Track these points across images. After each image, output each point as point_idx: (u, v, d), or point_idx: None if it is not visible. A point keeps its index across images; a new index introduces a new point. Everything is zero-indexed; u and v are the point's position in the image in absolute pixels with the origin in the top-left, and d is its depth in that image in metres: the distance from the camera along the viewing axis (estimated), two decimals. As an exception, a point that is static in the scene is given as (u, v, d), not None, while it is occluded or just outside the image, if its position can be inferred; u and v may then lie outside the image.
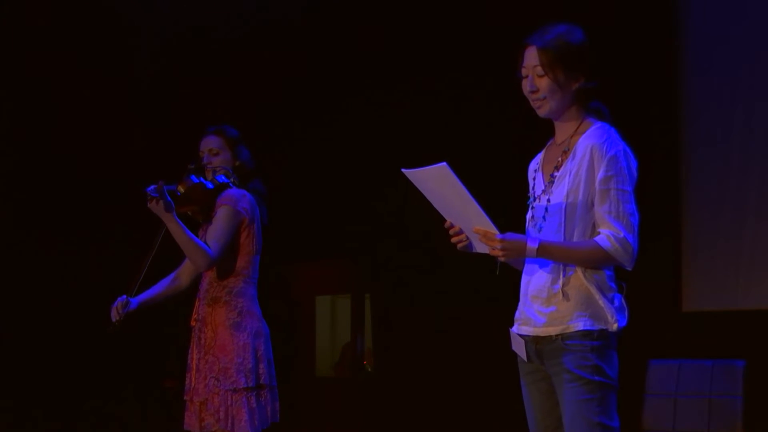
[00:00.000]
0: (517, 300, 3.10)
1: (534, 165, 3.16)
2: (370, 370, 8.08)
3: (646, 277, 3.02)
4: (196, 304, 4.31)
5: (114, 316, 4.26)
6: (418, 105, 6.99)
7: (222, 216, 4.22)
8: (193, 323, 4.31)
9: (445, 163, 2.85)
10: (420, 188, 2.99)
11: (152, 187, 4.05)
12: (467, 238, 3.00)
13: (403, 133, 6.93)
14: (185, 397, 4.27)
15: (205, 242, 4.16)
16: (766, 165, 5.97)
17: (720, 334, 5.84)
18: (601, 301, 2.93)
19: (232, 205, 4.23)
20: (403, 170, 2.97)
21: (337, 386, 8.16)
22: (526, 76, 3.02)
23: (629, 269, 2.94)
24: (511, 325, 3.11)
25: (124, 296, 4.30)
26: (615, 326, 2.92)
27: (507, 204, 3.48)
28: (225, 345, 4.19)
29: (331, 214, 7.38)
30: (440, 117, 6.86)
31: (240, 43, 7.32)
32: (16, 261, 7.01)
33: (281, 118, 7.45)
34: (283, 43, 7.39)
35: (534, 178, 3.12)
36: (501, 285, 3.49)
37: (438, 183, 2.91)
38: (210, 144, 4.42)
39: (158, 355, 7.37)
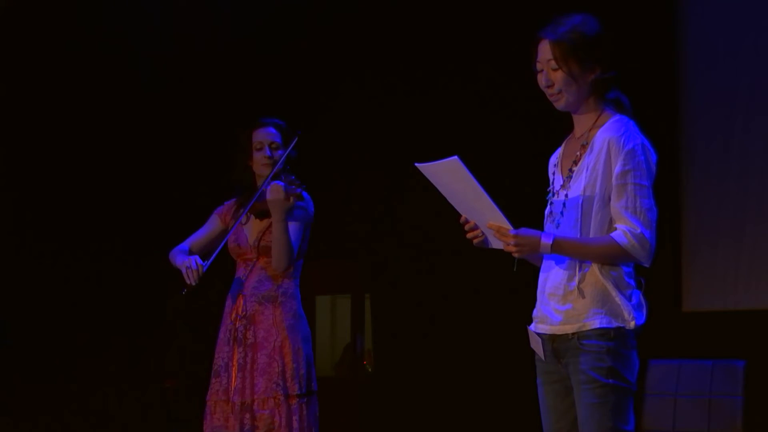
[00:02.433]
0: (517, 300, 3.09)
1: (554, 159, 3.11)
2: (370, 370, 8.07)
3: (646, 277, 3.00)
4: (240, 300, 4.20)
5: (192, 278, 4.01)
6: (423, 100, 6.97)
7: (300, 219, 4.19)
8: (233, 319, 4.19)
9: (456, 157, 2.82)
10: (434, 183, 2.96)
11: (297, 189, 4.00)
12: (482, 233, 2.96)
13: (403, 131, 6.91)
14: (220, 396, 4.13)
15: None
16: (766, 165, 5.97)
17: (720, 334, 5.83)
18: (618, 299, 2.88)
19: (307, 207, 4.21)
20: (416, 164, 2.94)
21: (337, 386, 8.16)
22: (541, 71, 2.98)
23: (647, 266, 2.88)
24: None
25: (199, 260, 4.06)
26: (632, 324, 2.88)
27: (528, 199, 3.46)
28: (282, 348, 4.11)
29: (331, 214, 7.36)
30: (452, 111, 6.82)
31: (238, 39, 7.32)
32: (16, 261, 7.01)
33: (280, 115, 7.43)
34: (282, 38, 7.38)
35: (553, 173, 3.07)
36: (501, 285, 3.49)
37: (451, 177, 2.88)
38: (272, 137, 4.28)
39: (158, 355, 7.36)
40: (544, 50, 2.96)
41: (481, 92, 6.68)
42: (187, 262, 4.03)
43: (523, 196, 3.58)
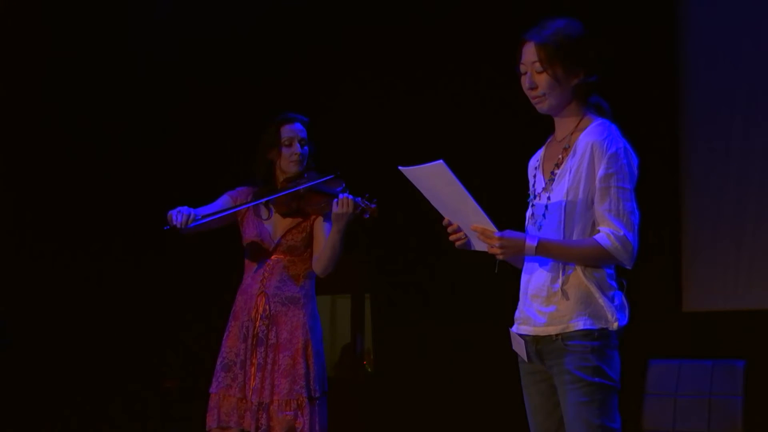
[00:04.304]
0: (517, 300, 3.09)
1: (534, 162, 3.13)
2: (370, 370, 8.06)
3: (646, 277, 3.01)
4: (261, 300, 4.19)
5: (179, 221, 3.99)
6: (415, 101, 6.98)
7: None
8: (253, 318, 4.18)
9: (441, 161, 2.84)
10: (417, 186, 2.98)
11: (372, 205, 4.10)
12: (465, 236, 2.98)
13: (403, 131, 6.91)
14: (232, 392, 4.11)
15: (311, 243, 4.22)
16: (766, 166, 5.97)
17: (720, 334, 5.83)
18: (601, 300, 2.90)
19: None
20: (399, 168, 2.96)
21: (337, 386, 8.15)
22: (525, 73, 3.00)
23: (629, 268, 2.92)
24: (512, 324, 3.10)
25: (193, 211, 4.05)
26: (615, 325, 2.90)
27: (508, 201, 3.47)
28: (305, 350, 4.13)
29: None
30: (439, 113, 6.84)
31: (238, 39, 7.32)
32: (16, 260, 7.01)
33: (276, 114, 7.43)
34: (281, 38, 7.38)
35: (534, 176, 3.09)
36: (501, 285, 3.48)
37: (435, 181, 2.90)
38: (301, 133, 4.32)
39: (158, 355, 7.36)
40: (529, 52, 2.97)
41: (481, 92, 6.68)
42: (178, 208, 4.03)
43: (503, 197, 3.59)
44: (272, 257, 4.22)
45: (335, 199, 4.09)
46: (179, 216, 4.00)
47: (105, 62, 7.23)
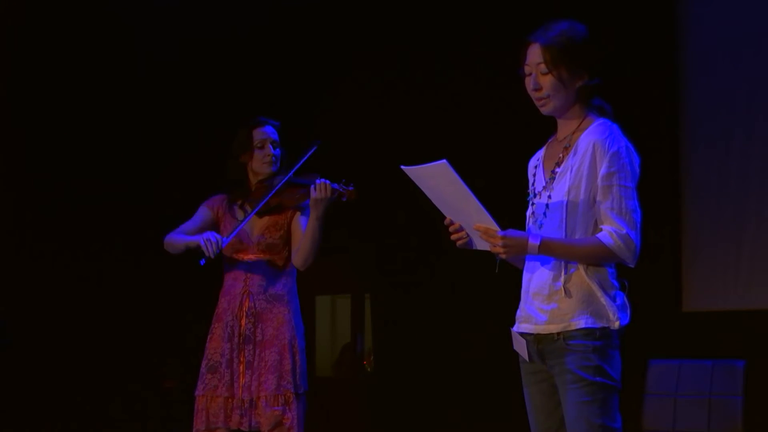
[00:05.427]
0: (518, 300, 3.09)
1: (534, 161, 3.14)
2: (370, 370, 8.07)
3: (646, 277, 3.01)
4: (246, 300, 4.23)
5: (212, 250, 4.05)
6: (416, 100, 6.98)
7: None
8: (238, 316, 4.21)
9: (445, 161, 2.85)
10: (419, 185, 2.99)
11: (349, 187, 4.10)
12: (467, 235, 2.99)
13: (400, 130, 6.91)
14: (220, 392, 4.14)
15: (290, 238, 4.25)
16: (766, 165, 5.97)
17: (720, 334, 5.83)
18: (603, 299, 2.91)
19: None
20: (402, 167, 2.96)
21: (336, 386, 8.16)
22: (530, 74, 3.00)
23: (632, 266, 2.92)
24: (513, 324, 3.10)
25: (218, 235, 4.12)
26: (617, 324, 2.91)
27: (509, 201, 3.47)
28: (292, 346, 4.16)
29: (330, 214, 7.34)
30: (440, 112, 6.84)
31: (237, 38, 7.32)
32: (16, 261, 7.01)
33: (277, 115, 7.43)
34: (280, 38, 7.38)
35: (534, 174, 3.10)
36: (502, 285, 3.49)
37: (438, 180, 2.91)
38: (273, 135, 4.37)
39: (158, 355, 7.36)
40: (534, 54, 2.98)
41: (482, 92, 6.68)
42: (205, 236, 4.07)
43: (504, 197, 3.60)
44: (252, 257, 4.26)
45: (312, 186, 4.12)
46: (209, 245, 4.07)
47: (105, 62, 7.22)
